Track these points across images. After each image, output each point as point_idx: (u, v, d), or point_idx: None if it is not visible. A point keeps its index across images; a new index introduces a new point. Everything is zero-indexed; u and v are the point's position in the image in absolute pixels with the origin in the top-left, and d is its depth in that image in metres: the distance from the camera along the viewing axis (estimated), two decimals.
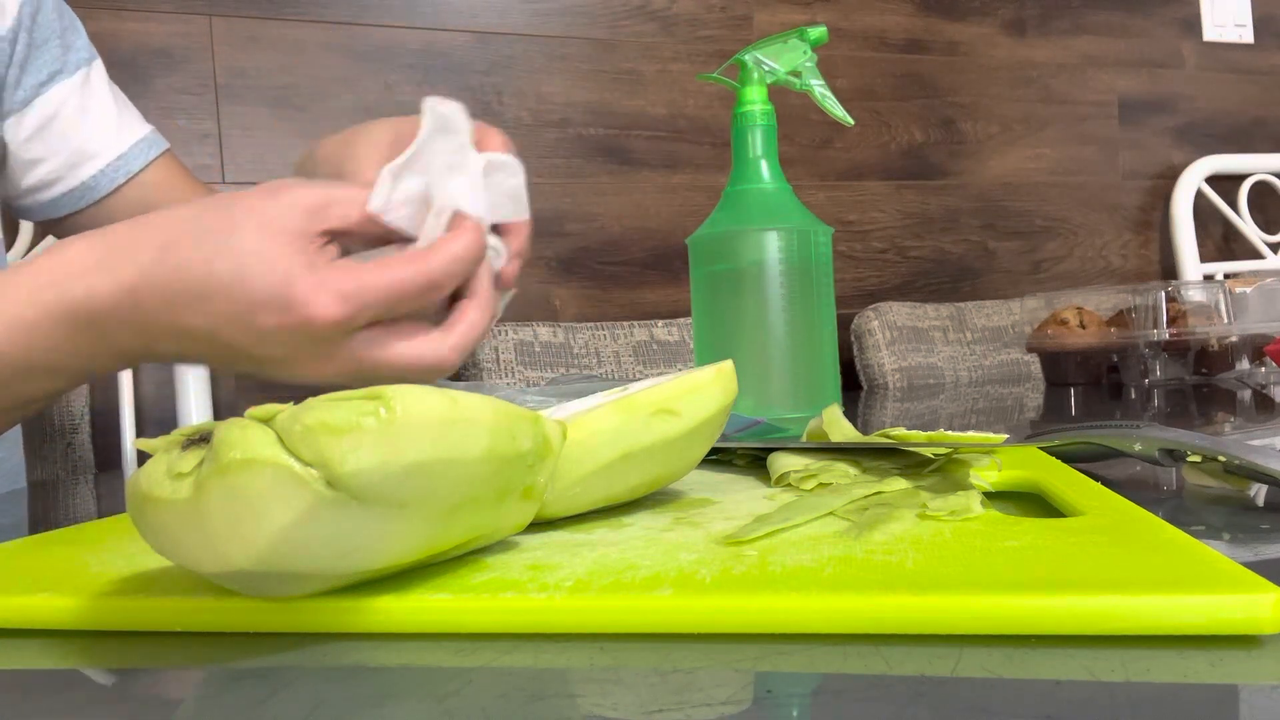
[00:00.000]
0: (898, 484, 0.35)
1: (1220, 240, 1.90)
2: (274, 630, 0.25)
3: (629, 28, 1.54)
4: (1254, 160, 1.87)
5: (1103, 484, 0.34)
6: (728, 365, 0.38)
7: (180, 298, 0.38)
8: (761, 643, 0.22)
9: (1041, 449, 0.42)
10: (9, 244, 1.22)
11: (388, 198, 0.40)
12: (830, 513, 0.32)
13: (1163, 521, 0.28)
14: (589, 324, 1.40)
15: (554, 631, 0.24)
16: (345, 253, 0.40)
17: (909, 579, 0.23)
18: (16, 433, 0.77)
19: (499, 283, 0.44)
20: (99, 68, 0.74)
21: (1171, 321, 1.07)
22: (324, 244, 0.38)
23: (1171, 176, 1.86)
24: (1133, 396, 0.96)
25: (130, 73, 1.28)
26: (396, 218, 0.40)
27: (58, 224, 0.72)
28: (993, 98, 1.76)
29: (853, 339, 1.52)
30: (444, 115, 0.41)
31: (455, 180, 0.41)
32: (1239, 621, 0.21)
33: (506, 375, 1.30)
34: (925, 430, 0.39)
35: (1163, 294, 1.07)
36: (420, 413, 0.23)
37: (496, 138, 0.45)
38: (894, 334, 1.50)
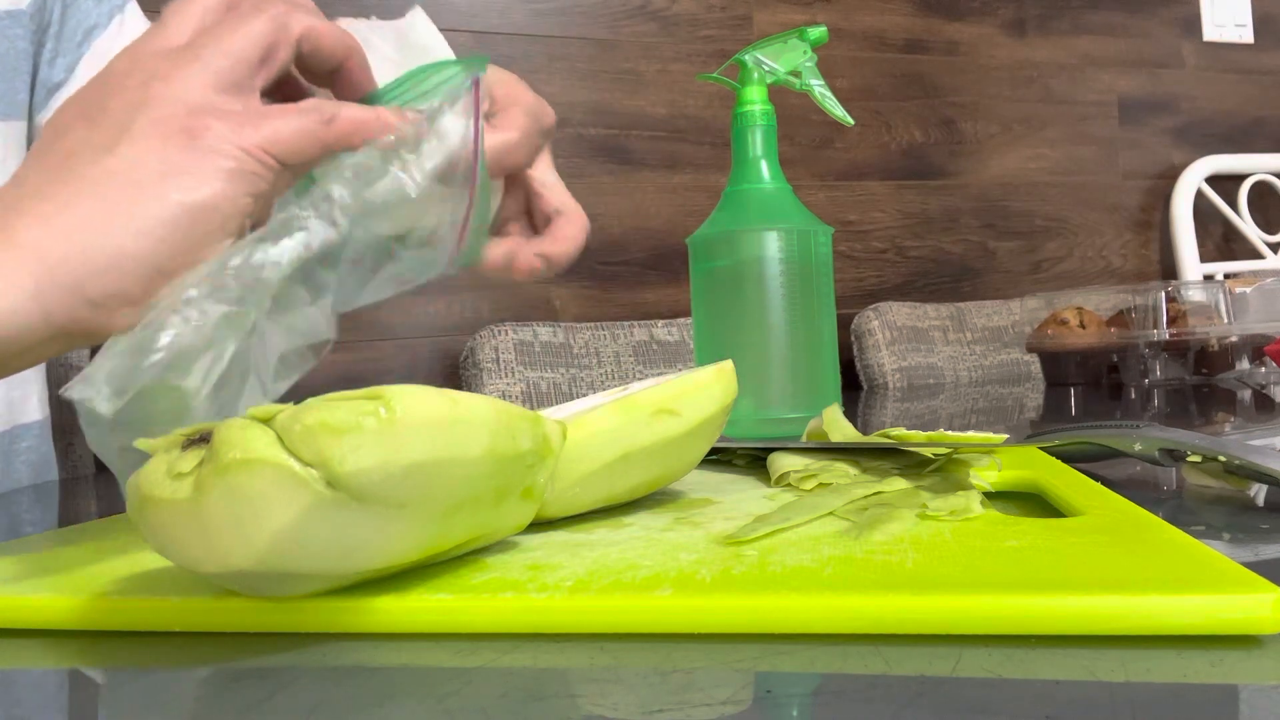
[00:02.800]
0: (898, 484, 0.35)
1: (1220, 240, 1.90)
2: (274, 630, 0.25)
3: (629, 28, 1.54)
4: (1254, 160, 1.87)
5: (1103, 484, 0.34)
6: (728, 365, 0.38)
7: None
8: (761, 643, 0.22)
9: (1041, 449, 0.42)
10: None
11: None
12: (830, 513, 0.32)
13: (1163, 521, 0.28)
14: (589, 324, 1.40)
15: (554, 631, 0.24)
16: None
17: (909, 579, 0.23)
18: (45, 424, 0.76)
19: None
20: (133, 8, 0.69)
21: (1171, 321, 1.07)
22: None
23: (1171, 176, 1.86)
24: (1133, 396, 0.96)
25: None
26: None
27: None
28: (993, 98, 1.76)
29: (853, 339, 1.52)
30: None
31: None
32: (1239, 621, 0.21)
33: (506, 375, 1.30)
34: (925, 430, 0.39)
35: (1163, 294, 1.07)
36: (420, 413, 0.23)
37: None
38: (894, 334, 1.50)
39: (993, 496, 0.36)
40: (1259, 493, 0.37)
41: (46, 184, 0.31)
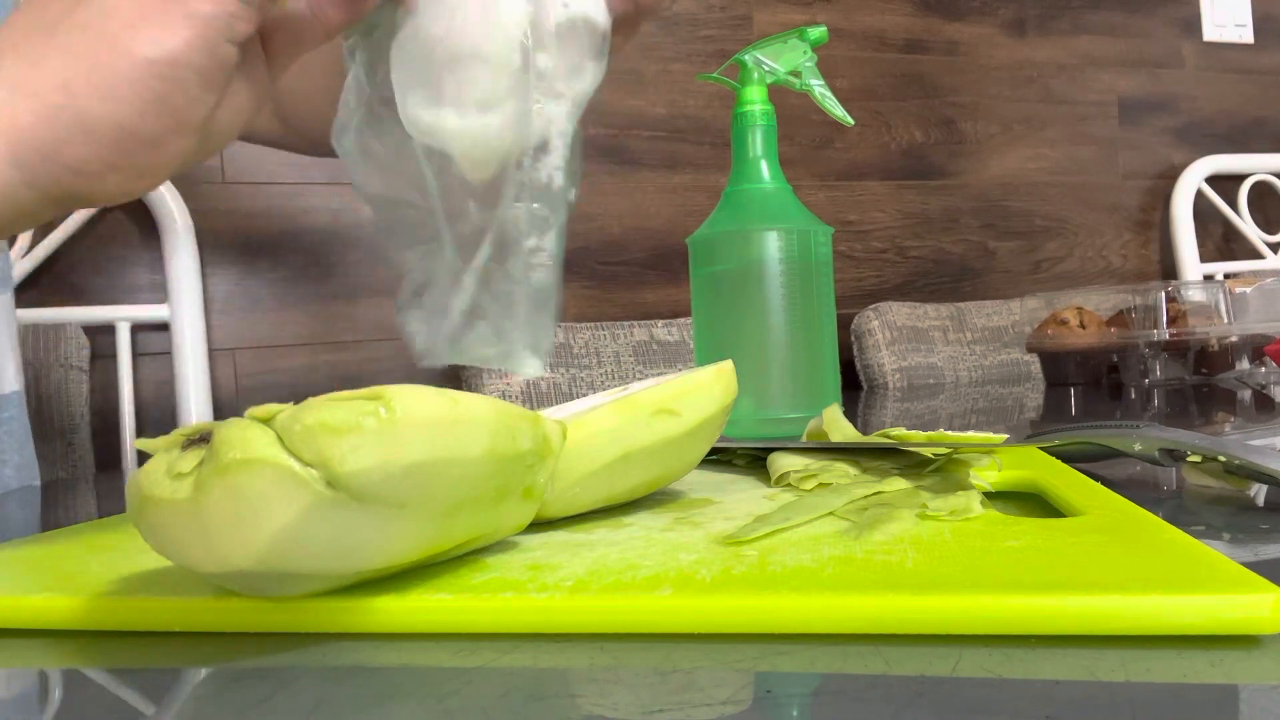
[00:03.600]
0: (898, 484, 0.35)
1: (1220, 240, 1.90)
2: (274, 630, 0.25)
3: None
4: (1254, 160, 1.87)
5: (1103, 484, 0.34)
6: (728, 365, 0.38)
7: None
8: (761, 643, 0.22)
9: (1041, 449, 0.42)
10: (10, 241, 1.21)
11: None
12: (830, 513, 0.32)
13: (1163, 521, 0.28)
14: (589, 324, 1.40)
15: (554, 631, 0.24)
16: None
17: (909, 579, 0.23)
18: (21, 396, 0.75)
19: None
20: None
21: (1171, 321, 1.07)
22: None
23: (1171, 176, 1.85)
24: (1133, 396, 0.96)
25: None
26: None
27: None
28: (993, 98, 1.76)
29: (853, 339, 1.52)
30: None
31: None
32: (1239, 621, 0.21)
33: (506, 375, 1.30)
34: (925, 430, 0.39)
35: (1163, 294, 1.07)
36: (420, 413, 0.23)
37: None
38: (894, 334, 1.50)
39: (993, 496, 0.36)
40: (1259, 493, 0.37)
41: (22, 37, 0.29)
